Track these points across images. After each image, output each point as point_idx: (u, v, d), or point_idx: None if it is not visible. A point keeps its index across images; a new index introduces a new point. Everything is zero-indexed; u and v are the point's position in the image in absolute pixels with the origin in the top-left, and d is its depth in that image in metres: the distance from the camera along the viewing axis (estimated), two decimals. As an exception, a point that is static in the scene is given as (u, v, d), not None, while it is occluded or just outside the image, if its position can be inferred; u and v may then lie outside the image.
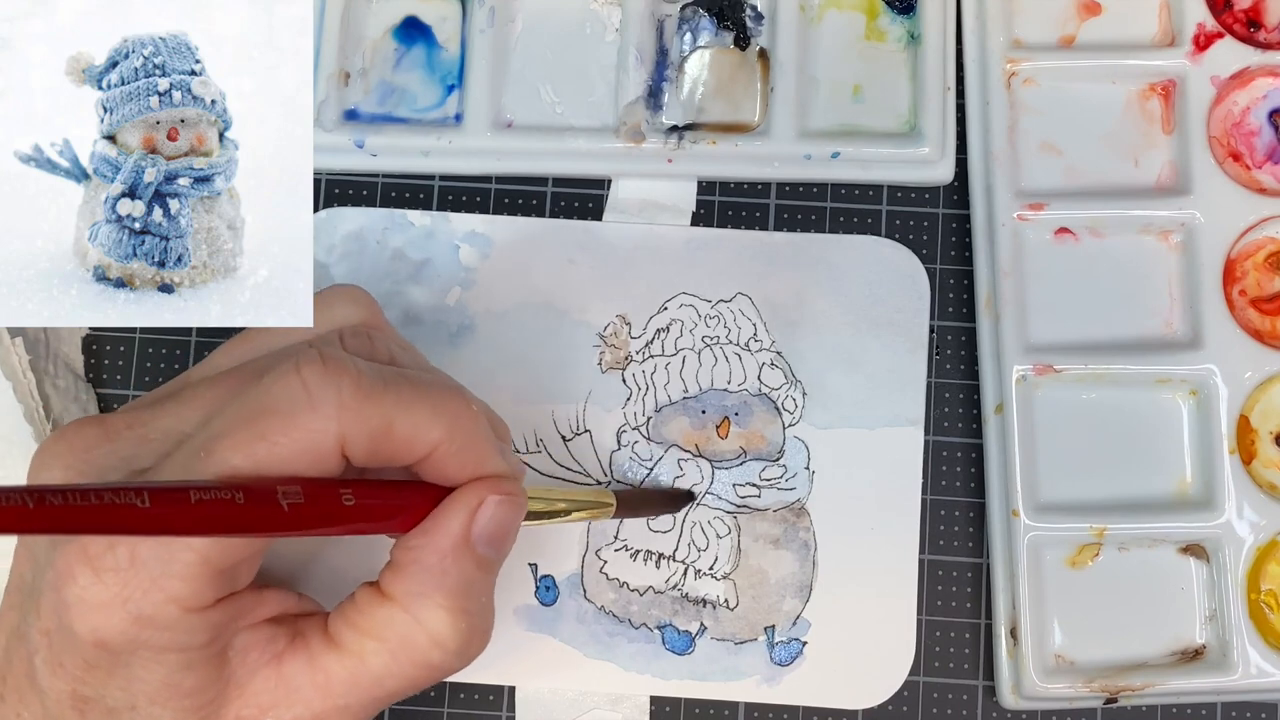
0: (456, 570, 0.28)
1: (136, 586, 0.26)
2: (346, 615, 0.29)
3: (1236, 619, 0.37)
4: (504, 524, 0.29)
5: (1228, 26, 0.40)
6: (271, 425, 0.27)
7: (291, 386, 0.27)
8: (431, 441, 0.28)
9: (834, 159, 0.40)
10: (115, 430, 0.29)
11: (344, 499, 0.27)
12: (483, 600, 0.30)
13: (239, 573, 0.28)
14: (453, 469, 0.29)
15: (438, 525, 0.29)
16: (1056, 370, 0.38)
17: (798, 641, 0.38)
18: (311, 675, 0.29)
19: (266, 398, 0.27)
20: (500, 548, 0.29)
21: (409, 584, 0.28)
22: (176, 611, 0.27)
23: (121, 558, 0.26)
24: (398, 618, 0.28)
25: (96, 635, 0.26)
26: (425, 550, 0.28)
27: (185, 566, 0.26)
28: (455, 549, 0.28)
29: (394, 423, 0.28)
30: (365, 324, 0.32)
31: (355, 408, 0.27)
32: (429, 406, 0.28)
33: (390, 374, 0.29)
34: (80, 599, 0.26)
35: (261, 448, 0.27)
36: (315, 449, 0.27)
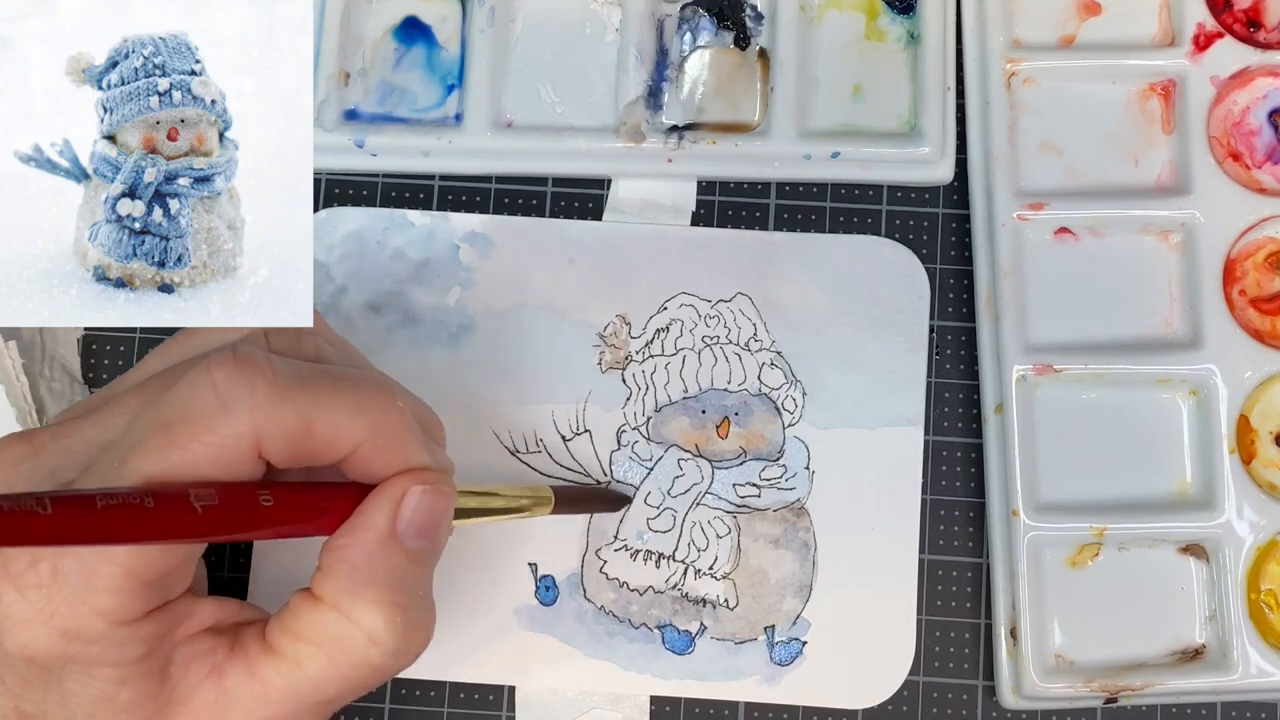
0: (385, 565, 0.28)
1: (60, 601, 0.26)
2: (283, 621, 0.29)
3: (1236, 619, 0.37)
4: (431, 515, 0.29)
5: (1228, 26, 0.40)
6: (183, 431, 0.26)
7: (202, 389, 0.27)
8: (354, 439, 0.28)
9: (834, 159, 0.40)
10: (41, 444, 0.29)
11: (262, 500, 0.27)
12: (419, 594, 0.29)
13: (169, 583, 0.28)
14: (377, 466, 0.28)
15: (362, 522, 0.28)
16: (1056, 370, 0.38)
17: (798, 641, 0.38)
18: (250, 685, 0.28)
19: (178, 402, 0.27)
20: (432, 539, 0.29)
21: (339, 584, 0.28)
22: (103, 625, 0.26)
23: (44, 573, 0.26)
24: (330, 619, 0.28)
25: (25, 651, 0.26)
26: (351, 549, 0.28)
27: (109, 580, 0.26)
28: (382, 544, 0.28)
29: (313, 422, 0.27)
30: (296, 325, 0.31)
31: (269, 408, 0.27)
32: (350, 404, 0.28)
33: (310, 371, 0.28)
34: (6, 616, 0.26)
35: (174, 454, 0.26)
36: (229, 452, 0.26)
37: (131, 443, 0.27)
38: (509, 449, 0.39)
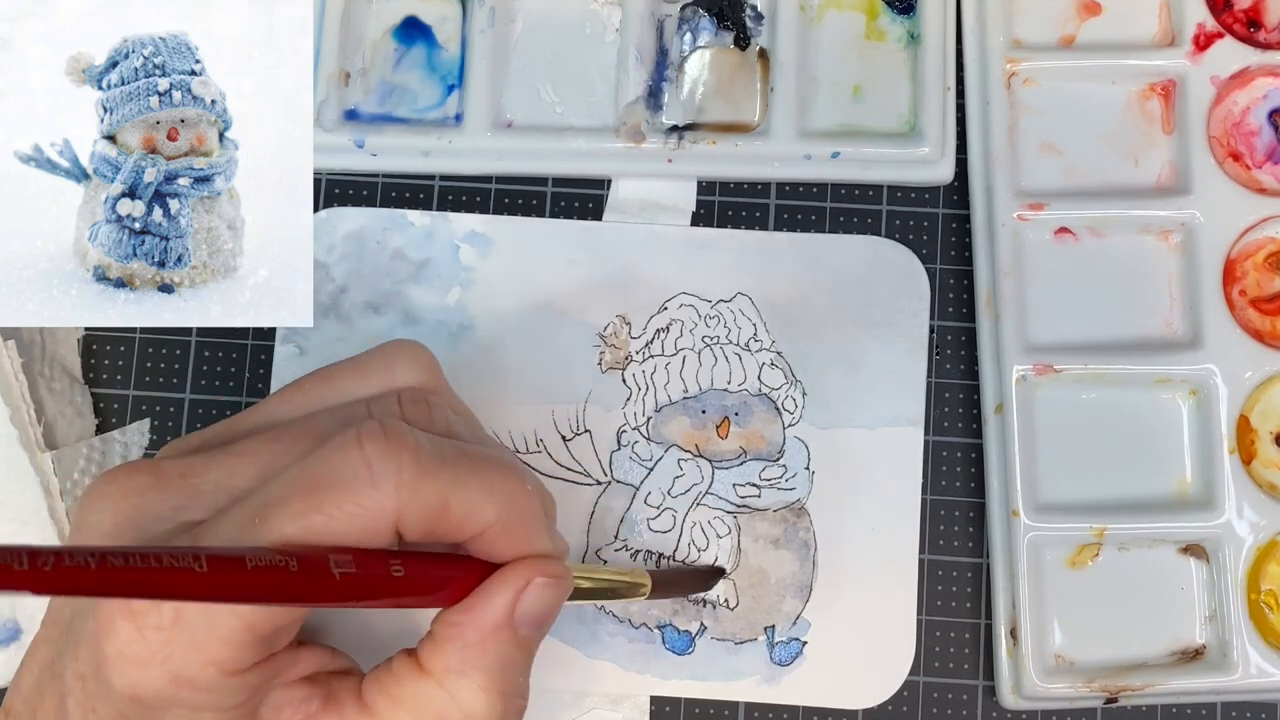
0: (496, 649, 0.28)
1: (178, 646, 0.26)
2: (382, 683, 0.29)
3: (1236, 619, 0.37)
4: (548, 606, 0.29)
5: (1228, 26, 0.40)
6: (329, 498, 0.26)
7: (352, 460, 0.27)
8: (485, 521, 0.28)
9: (834, 159, 0.40)
10: (167, 478, 0.29)
11: (393, 570, 0.27)
12: (520, 680, 0.29)
13: (279, 636, 0.28)
14: (502, 547, 0.29)
15: (482, 603, 0.28)
16: (1056, 370, 0.38)
17: (798, 641, 0.38)
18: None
19: (325, 468, 0.27)
20: (542, 629, 0.29)
21: (448, 660, 0.28)
22: (215, 674, 0.26)
23: (165, 616, 0.26)
24: (434, 693, 0.28)
25: (133, 691, 0.26)
26: (467, 627, 0.28)
27: (230, 631, 0.26)
28: (497, 628, 0.28)
29: (450, 502, 0.27)
30: (424, 387, 0.31)
31: (413, 486, 0.27)
32: (485, 486, 0.28)
33: (449, 450, 0.28)
34: (120, 653, 0.26)
35: (318, 520, 0.26)
36: (371, 524, 0.27)
37: (273, 500, 0.27)
38: (509, 449, 0.39)
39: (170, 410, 0.40)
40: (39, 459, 0.38)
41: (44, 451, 0.38)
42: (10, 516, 0.38)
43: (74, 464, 0.39)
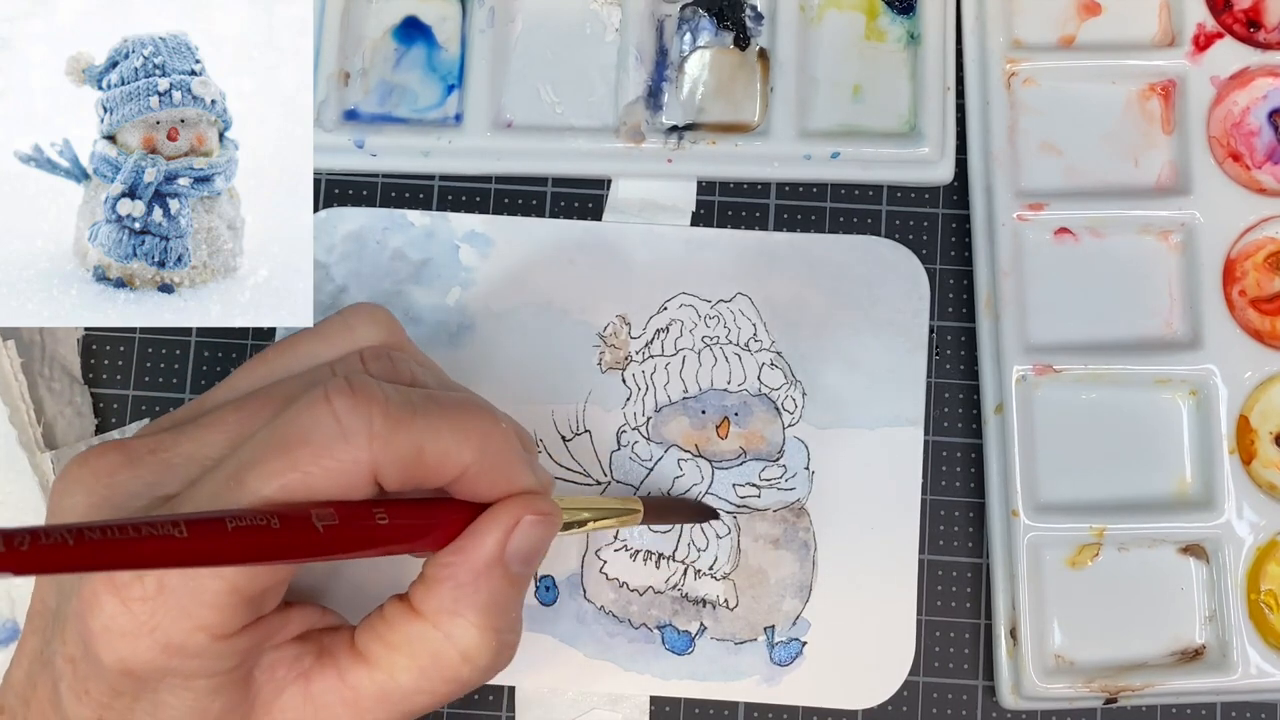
0: (489, 587, 0.28)
1: (164, 615, 0.26)
2: (375, 630, 0.29)
3: (1236, 619, 0.37)
4: (538, 542, 0.29)
5: (1228, 26, 0.40)
6: (303, 455, 0.27)
7: (322, 416, 0.27)
8: (463, 463, 0.28)
9: (834, 159, 0.40)
10: (137, 455, 0.29)
11: (378, 519, 0.27)
12: (512, 616, 0.30)
13: (267, 598, 0.28)
14: (484, 487, 0.29)
15: (473, 543, 0.28)
16: (1056, 370, 0.38)
17: (797, 641, 0.38)
18: (340, 692, 0.29)
19: (296, 427, 0.27)
20: (533, 565, 0.29)
21: (441, 600, 0.28)
22: (205, 639, 0.26)
23: (149, 586, 0.26)
24: (429, 634, 0.28)
25: (124, 664, 0.26)
26: (459, 567, 0.28)
27: (214, 595, 0.26)
28: (489, 566, 0.28)
29: (424, 448, 0.28)
30: (386, 344, 0.32)
31: (386, 436, 0.27)
32: (458, 429, 0.28)
33: (418, 398, 0.28)
34: (106, 627, 0.26)
35: (294, 477, 0.26)
36: (349, 478, 0.27)
37: (247, 463, 0.27)
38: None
39: (170, 410, 0.40)
40: (38, 459, 0.38)
41: (43, 451, 0.38)
42: (9, 517, 0.38)
43: (74, 464, 0.38)
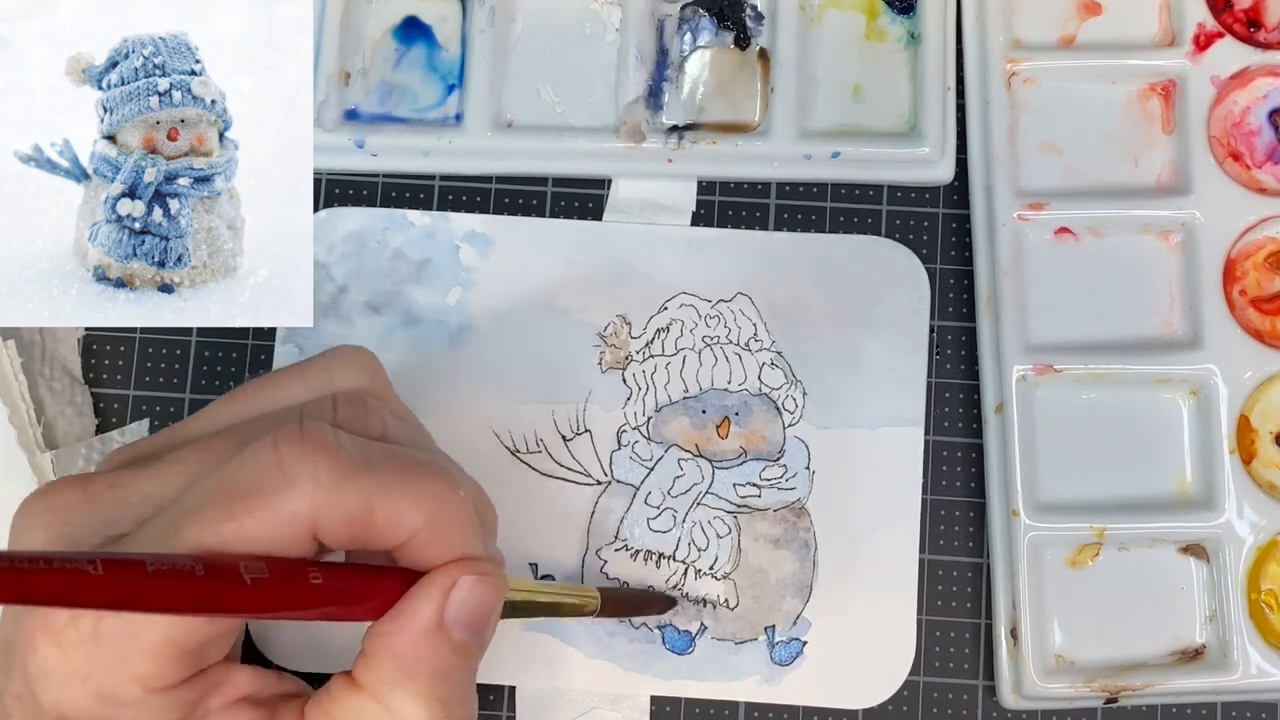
0: (430, 656, 0.27)
1: (98, 662, 0.25)
2: (321, 704, 0.28)
3: (1236, 619, 0.37)
4: (480, 607, 0.28)
5: (1228, 26, 0.40)
6: (240, 504, 0.26)
7: (264, 464, 0.26)
8: (411, 528, 0.27)
9: (834, 159, 0.40)
10: (95, 492, 0.28)
11: (311, 578, 0.26)
12: (461, 688, 0.28)
13: (208, 651, 0.27)
14: (430, 554, 0.28)
15: (409, 609, 0.27)
16: (1056, 370, 0.38)
17: (798, 641, 0.38)
18: None
19: (240, 474, 0.26)
20: (479, 632, 0.28)
21: (380, 672, 0.27)
22: (139, 690, 0.26)
23: (84, 630, 0.25)
24: (368, 708, 0.27)
25: (58, 708, 0.26)
26: (396, 636, 0.27)
27: (149, 644, 0.26)
28: (428, 634, 0.27)
29: (373, 507, 0.27)
30: (364, 390, 0.30)
31: (331, 489, 0.26)
32: (411, 491, 0.27)
33: (376, 453, 0.27)
34: (41, 670, 0.26)
35: (230, 528, 0.26)
36: (286, 530, 0.26)
37: (187, 509, 0.26)
38: (509, 449, 0.39)
39: (170, 410, 0.40)
40: (38, 459, 0.38)
41: (43, 451, 0.38)
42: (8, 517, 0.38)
43: (73, 464, 0.38)
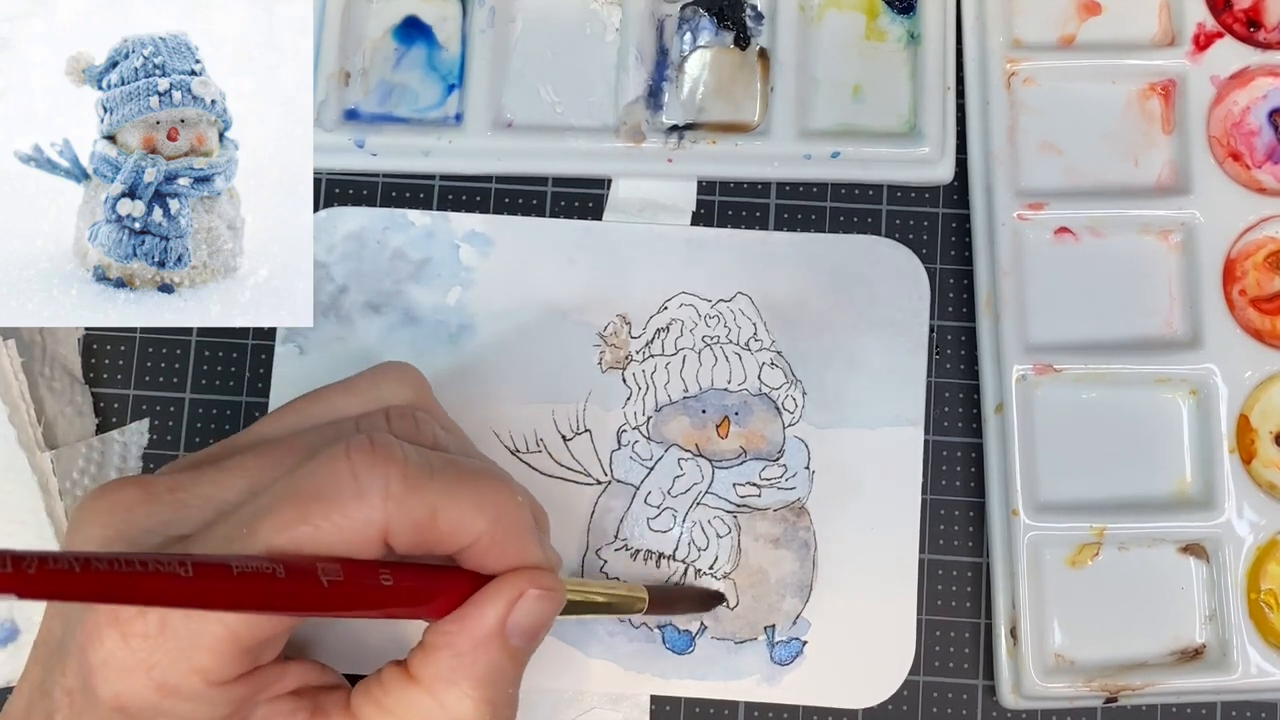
0: (487, 659, 0.28)
1: (163, 654, 0.26)
2: (371, 693, 0.29)
3: (1236, 619, 0.37)
4: (540, 618, 0.29)
5: (1228, 26, 0.40)
6: (316, 509, 0.27)
7: (339, 472, 0.27)
8: (475, 532, 0.28)
9: (834, 159, 0.40)
10: (156, 493, 0.29)
11: (383, 580, 0.27)
12: (510, 692, 0.29)
13: (266, 649, 0.28)
14: (493, 559, 0.29)
15: (474, 613, 0.28)
16: (1056, 370, 0.38)
17: (798, 641, 0.38)
18: None
19: (313, 480, 0.27)
20: (533, 641, 0.29)
21: (438, 669, 0.28)
22: (200, 684, 0.27)
23: (151, 624, 0.26)
24: (423, 701, 0.28)
25: (118, 699, 0.27)
26: (459, 636, 0.28)
27: (214, 640, 0.26)
28: (489, 638, 0.28)
29: (438, 514, 0.28)
30: (412, 404, 0.32)
31: (401, 498, 0.27)
32: (474, 498, 0.28)
33: (438, 462, 0.29)
34: (105, 662, 0.26)
35: (305, 530, 0.27)
36: (359, 536, 0.27)
37: (261, 511, 0.27)
38: (509, 449, 0.39)
39: (170, 410, 0.40)
40: (38, 459, 0.38)
41: (43, 451, 0.38)
42: (8, 516, 0.38)
43: (73, 464, 0.38)
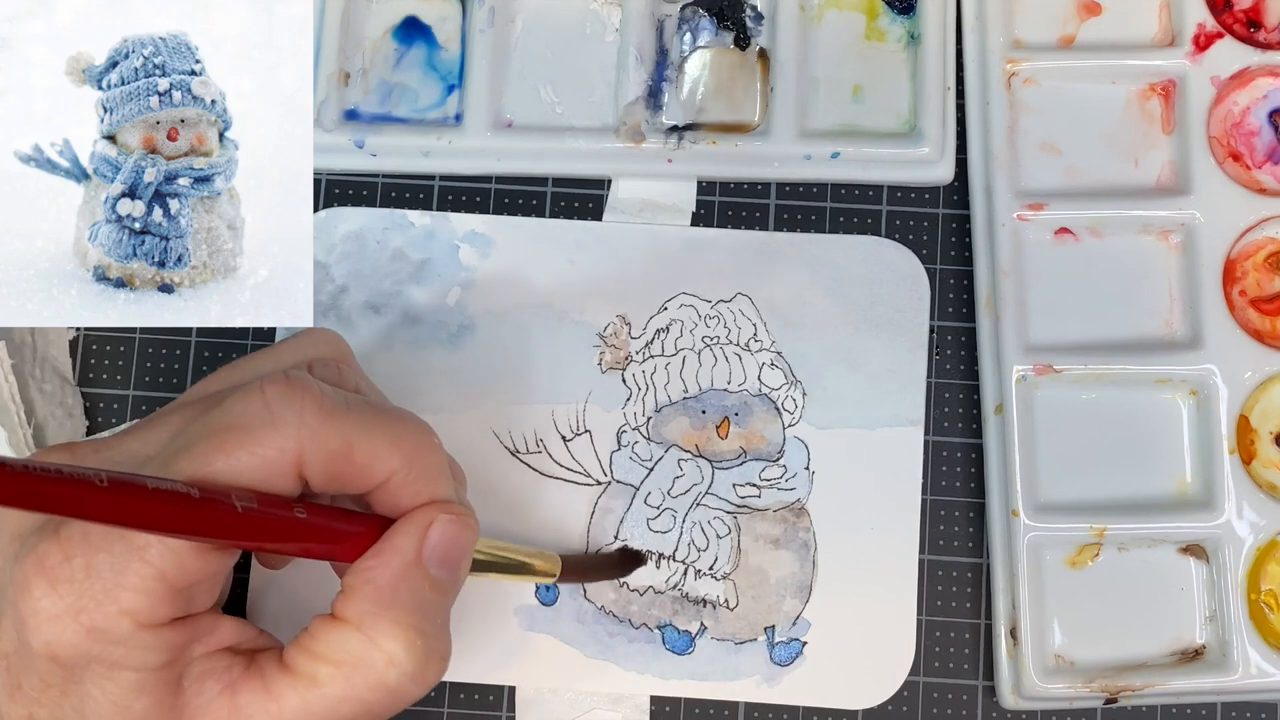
0: (409, 590, 0.29)
1: (90, 598, 0.26)
2: (302, 643, 0.29)
3: (1236, 619, 0.37)
4: (455, 544, 0.29)
5: (1228, 26, 0.40)
6: (231, 440, 0.27)
7: (254, 405, 0.28)
8: (390, 468, 0.29)
9: (834, 159, 0.40)
10: (82, 455, 0.29)
11: (296, 513, 0.28)
12: (438, 622, 0.30)
13: (195, 594, 0.28)
14: (406, 497, 0.29)
15: (390, 545, 0.29)
16: (1056, 370, 0.38)
17: (798, 641, 0.38)
18: (265, 703, 0.28)
19: (228, 415, 0.28)
20: (452, 569, 0.30)
21: (362, 605, 0.28)
22: (129, 626, 0.27)
23: (77, 568, 0.26)
24: (351, 639, 0.28)
25: (50, 649, 0.27)
26: (377, 570, 0.29)
27: (140, 579, 0.26)
28: (408, 568, 0.29)
29: (354, 446, 0.28)
30: (335, 359, 0.33)
31: (316, 426, 0.28)
32: (390, 433, 0.29)
33: (354, 400, 0.29)
34: (35, 611, 0.27)
35: (219, 460, 0.27)
36: (272, 465, 0.27)
37: (179, 450, 0.28)
38: (509, 449, 0.39)
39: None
40: (32, 460, 0.38)
41: (33, 453, 0.38)
42: None
43: (72, 464, 0.38)
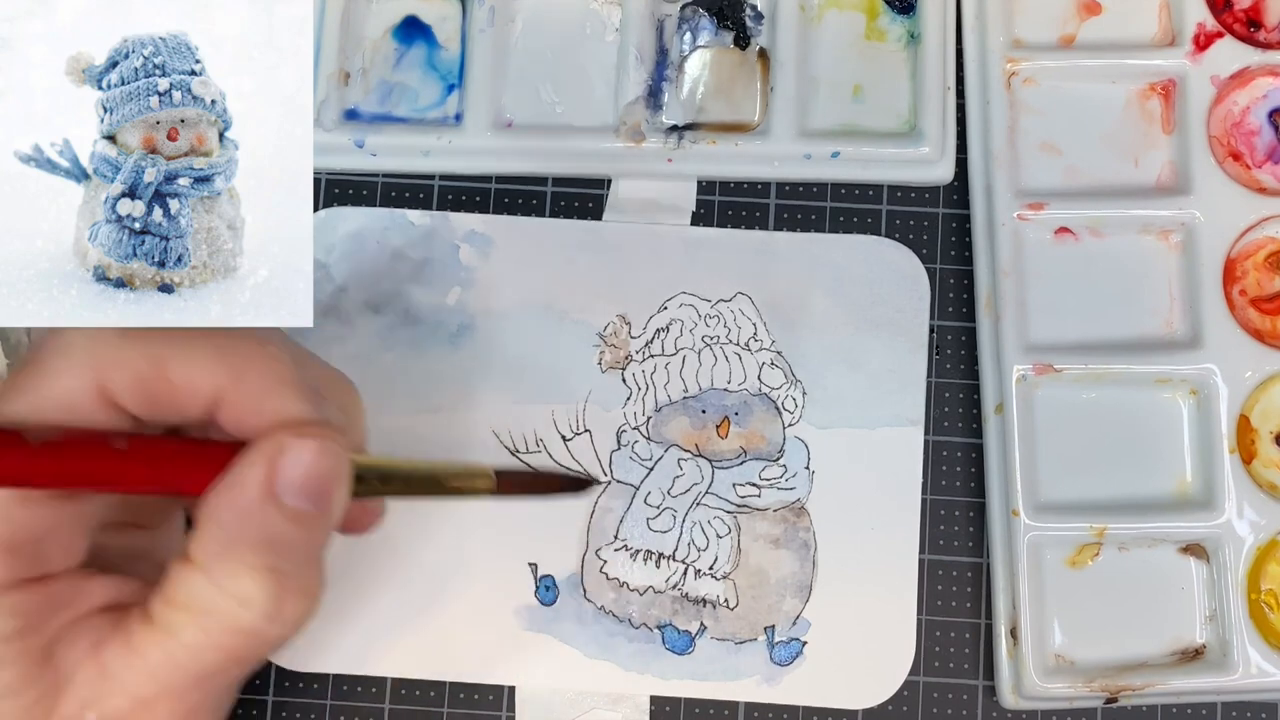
0: (261, 526, 0.25)
1: None
2: (160, 590, 0.26)
3: (1236, 619, 0.37)
4: (315, 472, 0.26)
5: (1228, 26, 0.40)
6: (23, 377, 0.25)
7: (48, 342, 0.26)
8: (214, 385, 0.26)
9: (834, 159, 0.40)
10: None
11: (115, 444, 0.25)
12: (300, 558, 0.26)
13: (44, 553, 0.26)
14: (250, 419, 0.26)
15: (234, 478, 0.26)
16: (1056, 370, 0.38)
17: (798, 641, 0.38)
18: (128, 659, 0.26)
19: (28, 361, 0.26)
20: (319, 501, 0.26)
21: (208, 546, 0.26)
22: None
23: None
24: (200, 583, 0.26)
25: None
26: (221, 507, 0.26)
27: None
28: (256, 502, 0.25)
29: (166, 364, 0.26)
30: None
31: (118, 346, 0.25)
32: (210, 347, 0.26)
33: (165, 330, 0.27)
34: None
35: (17, 401, 0.25)
36: (75, 396, 0.25)
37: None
38: (509, 449, 0.39)
39: (170, 410, 0.40)
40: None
41: None
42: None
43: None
